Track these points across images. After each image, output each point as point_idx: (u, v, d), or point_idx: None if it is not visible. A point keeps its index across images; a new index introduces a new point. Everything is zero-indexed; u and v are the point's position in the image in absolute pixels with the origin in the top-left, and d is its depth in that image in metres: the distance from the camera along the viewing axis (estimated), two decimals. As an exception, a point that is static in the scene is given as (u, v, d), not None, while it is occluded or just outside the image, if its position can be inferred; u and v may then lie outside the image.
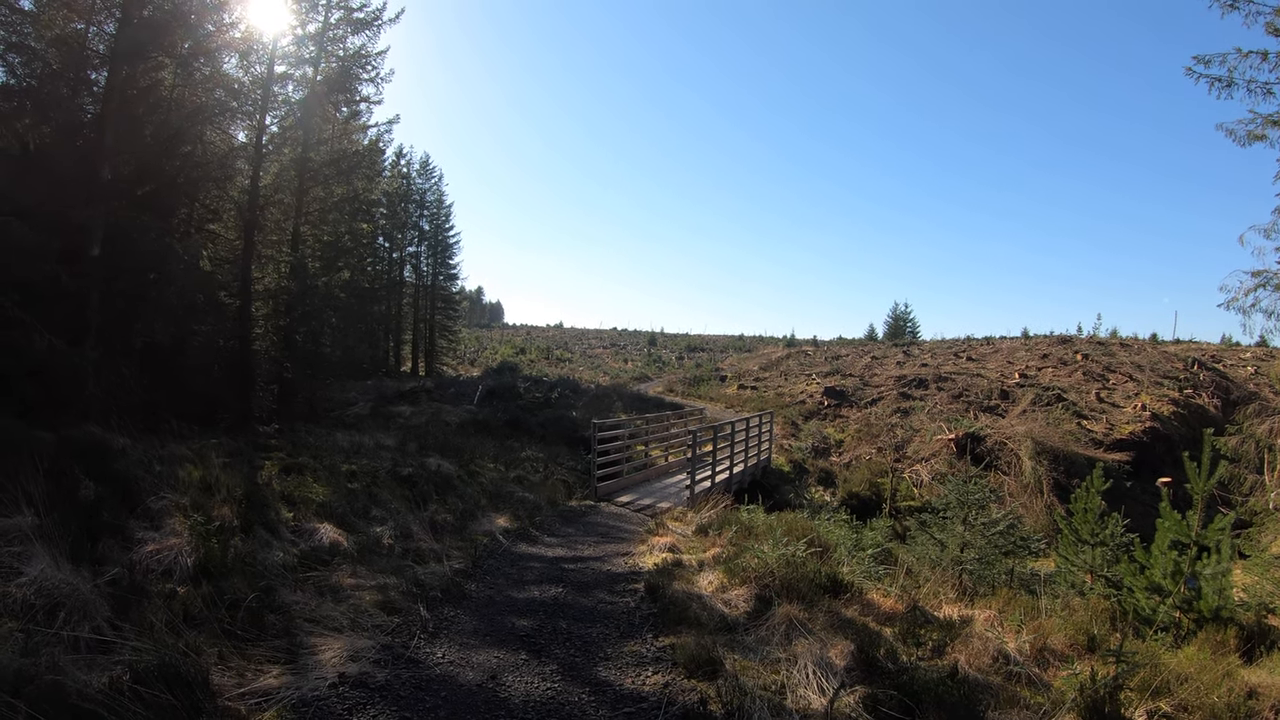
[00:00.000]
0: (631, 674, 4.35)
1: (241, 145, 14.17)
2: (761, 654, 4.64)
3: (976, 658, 4.66)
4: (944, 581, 7.49)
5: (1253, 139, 9.86)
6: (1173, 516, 6.94)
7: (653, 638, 5.01)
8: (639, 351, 60.95)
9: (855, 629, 5.03)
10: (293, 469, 8.26)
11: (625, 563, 7.37)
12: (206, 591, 4.41)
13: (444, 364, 40.95)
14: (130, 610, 4.02)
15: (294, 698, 3.59)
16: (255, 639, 4.15)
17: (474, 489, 9.94)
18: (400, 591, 5.50)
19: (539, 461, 13.85)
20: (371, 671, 4.05)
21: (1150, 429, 21.37)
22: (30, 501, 4.67)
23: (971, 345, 38.87)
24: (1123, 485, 16.66)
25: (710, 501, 10.75)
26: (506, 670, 4.29)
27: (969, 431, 20.92)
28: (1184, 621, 6.71)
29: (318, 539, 6.37)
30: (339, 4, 16.10)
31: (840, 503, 17.06)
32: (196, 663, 3.54)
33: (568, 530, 9.02)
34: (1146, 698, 4.24)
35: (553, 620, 5.35)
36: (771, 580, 5.84)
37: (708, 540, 8.21)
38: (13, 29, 9.64)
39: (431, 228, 39.53)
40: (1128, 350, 30.95)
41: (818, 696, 3.97)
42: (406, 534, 7.22)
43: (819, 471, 20.34)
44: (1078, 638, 5.40)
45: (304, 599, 4.94)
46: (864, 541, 10.47)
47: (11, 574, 3.93)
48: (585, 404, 22.04)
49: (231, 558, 5.19)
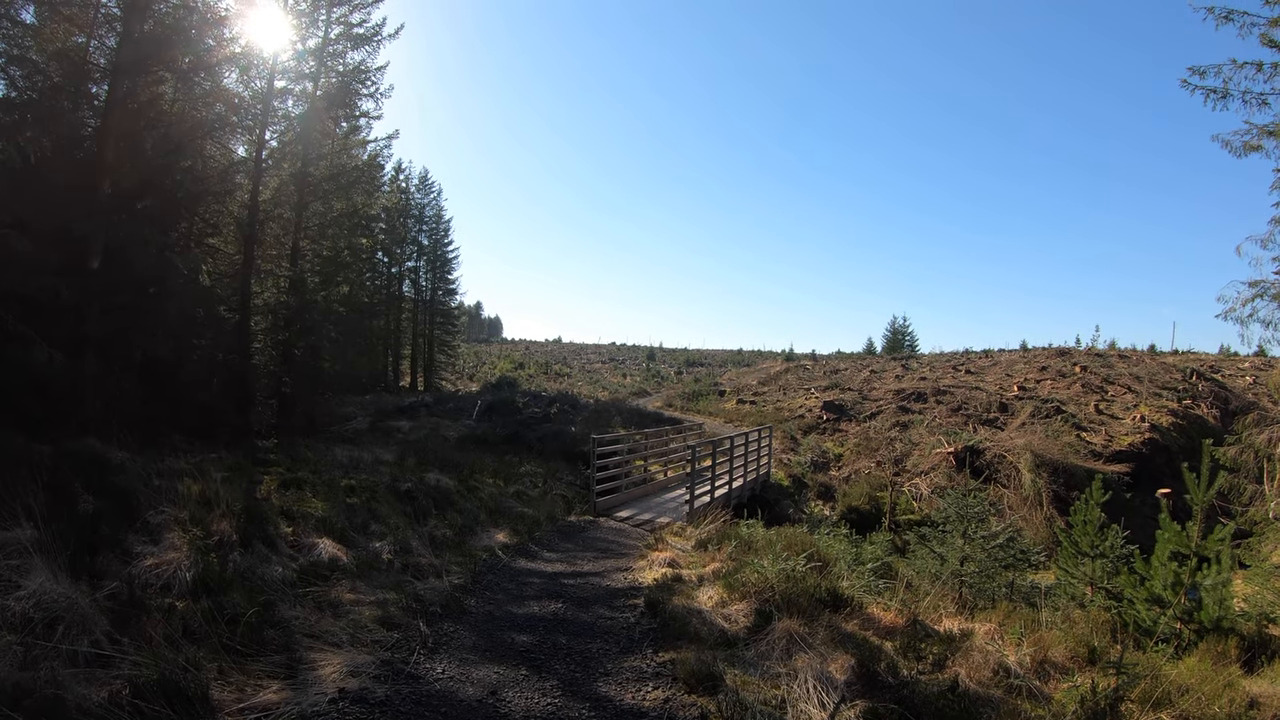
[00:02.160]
0: (632, 689, 4.33)
1: (241, 160, 14.22)
2: (762, 669, 4.62)
3: (977, 671, 4.66)
4: (944, 595, 7.48)
5: (1249, 149, 9.94)
6: (1172, 527, 6.94)
7: (653, 653, 5.00)
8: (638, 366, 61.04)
9: (855, 643, 5.01)
10: (292, 484, 8.25)
11: (625, 578, 7.35)
12: (205, 606, 4.40)
13: (443, 379, 40.96)
14: (129, 624, 4.01)
15: (294, 713, 3.57)
16: (255, 654, 4.13)
17: (473, 504, 9.93)
18: (400, 607, 5.49)
19: (538, 477, 13.83)
20: (371, 687, 4.03)
21: (1149, 440, 21.38)
22: (29, 515, 4.67)
23: (970, 358, 38.92)
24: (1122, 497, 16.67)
25: (709, 516, 10.73)
26: (507, 686, 4.27)
27: (968, 445, 20.91)
28: (1185, 632, 6.70)
29: (317, 554, 6.36)
30: (339, 19, 16.19)
31: (840, 517, 17.03)
32: (196, 678, 3.53)
33: (567, 545, 8.99)
34: (1148, 709, 4.23)
35: (552, 636, 5.33)
36: (771, 595, 5.82)
37: (707, 555, 8.19)
38: (14, 42, 9.70)
39: (430, 242, 39.65)
40: (1126, 361, 31.01)
41: (819, 711, 3.96)
42: (406, 549, 7.20)
43: (818, 486, 20.32)
44: (1078, 650, 5.39)
45: (303, 614, 4.92)
46: (864, 555, 10.43)
47: (10, 587, 3.92)
48: (584, 419, 21.99)
49: (230, 572, 5.18)
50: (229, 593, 4.82)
